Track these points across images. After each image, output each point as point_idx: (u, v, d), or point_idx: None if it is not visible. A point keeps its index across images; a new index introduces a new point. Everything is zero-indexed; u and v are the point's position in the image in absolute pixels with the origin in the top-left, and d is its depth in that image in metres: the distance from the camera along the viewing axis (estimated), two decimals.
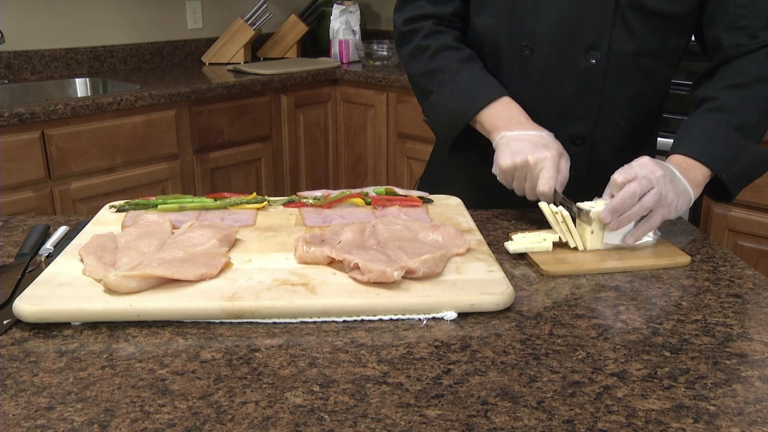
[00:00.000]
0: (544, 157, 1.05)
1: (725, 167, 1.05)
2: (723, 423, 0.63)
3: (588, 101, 1.18)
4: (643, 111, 1.22)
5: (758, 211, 2.12)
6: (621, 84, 1.17)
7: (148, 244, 0.93)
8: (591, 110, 1.18)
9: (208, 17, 3.29)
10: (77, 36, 2.89)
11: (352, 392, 0.67)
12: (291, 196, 1.16)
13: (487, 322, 0.81)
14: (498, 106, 1.14)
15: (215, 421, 0.63)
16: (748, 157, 1.05)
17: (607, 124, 1.20)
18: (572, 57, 1.15)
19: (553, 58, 1.16)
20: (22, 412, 0.64)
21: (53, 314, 0.79)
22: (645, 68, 1.17)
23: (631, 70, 1.16)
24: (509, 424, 0.62)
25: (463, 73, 1.17)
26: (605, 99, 1.18)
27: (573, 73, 1.16)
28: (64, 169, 2.30)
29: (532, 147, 1.07)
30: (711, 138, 1.05)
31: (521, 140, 1.09)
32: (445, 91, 1.18)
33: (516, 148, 1.07)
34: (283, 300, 0.81)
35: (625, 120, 1.21)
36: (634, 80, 1.17)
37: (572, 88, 1.17)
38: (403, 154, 3.00)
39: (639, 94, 1.19)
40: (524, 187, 1.08)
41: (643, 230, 0.99)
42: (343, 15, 3.33)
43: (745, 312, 0.85)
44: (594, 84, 1.16)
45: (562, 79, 1.17)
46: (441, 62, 1.19)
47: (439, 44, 1.20)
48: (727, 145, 1.05)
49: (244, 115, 2.80)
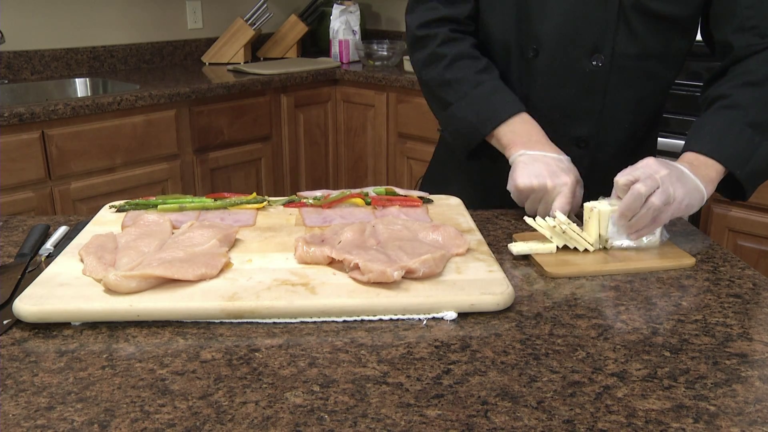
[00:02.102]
0: (563, 183, 1.05)
1: (739, 164, 1.04)
2: (723, 423, 0.63)
3: (591, 103, 1.18)
4: (645, 113, 1.22)
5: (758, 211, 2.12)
6: (624, 86, 1.17)
7: (148, 244, 0.93)
8: (594, 112, 1.18)
9: (208, 17, 3.29)
10: (77, 36, 2.89)
11: (352, 392, 0.67)
12: (291, 196, 1.16)
13: (487, 322, 0.81)
14: (517, 122, 1.14)
15: (215, 421, 0.63)
16: (762, 153, 1.04)
17: (609, 125, 1.20)
18: (576, 59, 1.15)
19: (557, 60, 1.16)
20: (22, 412, 0.64)
21: (53, 314, 0.79)
22: (648, 71, 1.17)
23: (635, 72, 1.16)
24: (509, 424, 0.62)
25: (482, 86, 1.17)
26: (608, 101, 1.18)
27: (577, 75, 1.16)
28: (64, 169, 2.30)
29: (551, 171, 1.07)
30: (724, 135, 1.05)
31: (541, 162, 1.08)
32: (463, 103, 1.18)
33: (535, 170, 1.07)
34: (283, 300, 0.81)
35: (628, 122, 1.21)
36: (637, 83, 1.18)
37: (576, 90, 1.17)
38: (403, 154, 3.00)
39: (642, 97, 1.19)
40: (537, 209, 1.08)
41: (648, 228, 0.98)
42: (343, 15, 3.33)
43: (745, 312, 0.85)
44: (597, 86, 1.16)
45: (566, 80, 1.17)
46: (458, 72, 1.19)
47: (456, 53, 1.19)
48: (741, 142, 1.04)
49: (244, 115, 2.80)
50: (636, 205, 0.95)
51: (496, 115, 1.14)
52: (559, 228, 0.99)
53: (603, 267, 0.96)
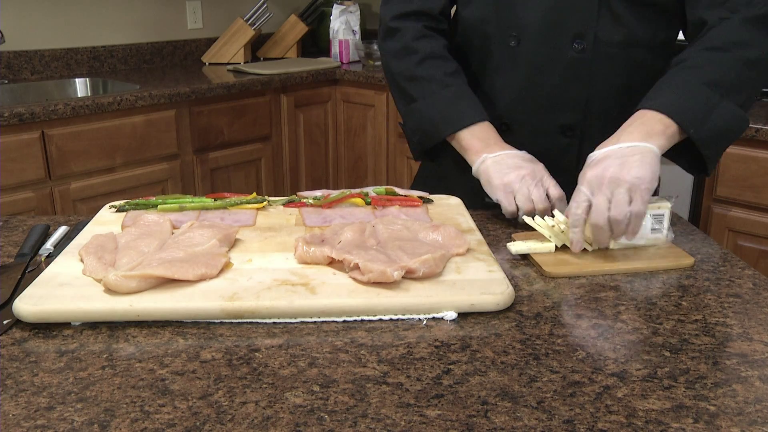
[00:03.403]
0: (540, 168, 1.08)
1: (693, 123, 1.00)
2: (723, 423, 0.63)
3: (576, 91, 1.18)
4: (633, 103, 1.22)
5: (758, 211, 2.12)
6: (609, 74, 1.17)
7: (148, 244, 0.93)
8: (579, 100, 1.19)
9: (208, 17, 3.29)
10: (77, 36, 2.89)
11: (352, 392, 0.67)
12: (291, 196, 1.16)
13: (487, 322, 0.81)
14: (478, 128, 1.16)
15: (215, 421, 0.63)
16: (720, 113, 1.01)
17: (596, 114, 1.20)
18: (558, 46, 1.15)
19: (540, 48, 1.16)
20: (22, 412, 0.64)
21: (53, 314, 0.79)
22: (634, 59, 1.17)
23: (620, 60, 1.16)
24: (509, 424, 0.62)
25: (450, 89, 1.18)
26: (593, 89, 1.18)
27: (560, 63, 1.16)
28: (64, 169, 2.30)
29: (522, 161, 1.10)
30: (676, 91, 1.02)
31: (508, 158, 1.11)
32: (429, 101, 1.19)
33: (509, 163, 1.10)
34: (283, 300, 0.81)
35: (616, 111, 1.20)
36: (623, 71, 1.18)
37: (559, 77, 1.17)
38: (403, 154, 3.00)
39: (628, 86, 1.19)
40: (530, 196, 1.07)
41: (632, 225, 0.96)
42: (343, 15, 3.33)
43: (745, 312, 0.85)
44: (581, 74, 1.16)
45: (549, 68, 1.17)
46: (428, 70, 1.20)
47: (428, 51, 1.21)
48: (697, 100, 1.01)
49: (244, 115, 2.80)
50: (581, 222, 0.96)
51: (459, 119, 1.17)
52: (558, 228, 0.99)
53: (601, 267, 0.96)
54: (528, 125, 1.22)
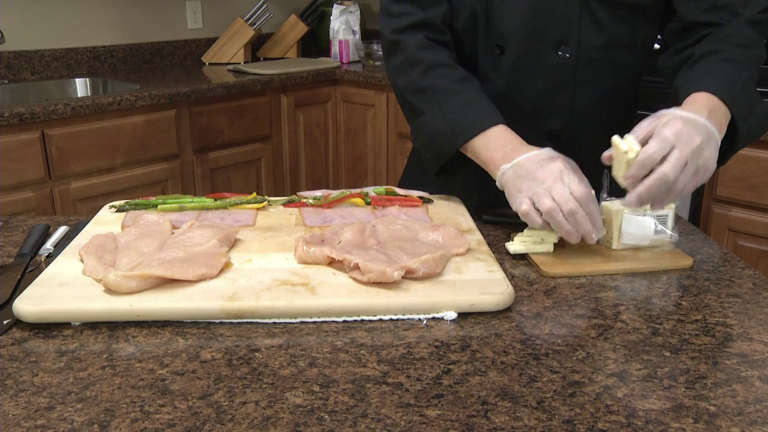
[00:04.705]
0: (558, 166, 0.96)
1: (743, 116, 0.98)
2: (723, 423, 0.63)
3: (560, 97, 1.18)
4: (617, 105, 1.22)
5: (758, 211, 2.12)
6: (593, 78, 1.17)
7: (148, 244, 0.93)
8: (564, 106, 1.18)
9: (208, 17, 3.29)
10: (77, 36, 2.89)
11: (352, 392, 0.67)
12: (291, 196, 1.16)
13: (487, 322, 0.81)
14: (492, 134, 1.06)
15: (215, 421, 0.63)
16: (762, 108, 1.01)
17: (581, 119, 1.20)
18: (542, 53, 1.15)
19: (524, 56, 1.16)
20: (22, 412, 0.64)
21: (53, 314, 0.79)
22: (616, 61, 1.17)
23: (602, 63, 1.16)
24: (509, 424, 0.62)
25: (459, 96, 1.10)
26: (578, 94, 1.18)
27: (543, 69, 1.16)
28: (64, 169, 2.30)
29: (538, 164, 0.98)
30: (733, 81, 1.00)
31: (524, 165, 0.99)
32: (437, 112, 1.10)
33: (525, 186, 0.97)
34: (283, 300, 0.81)
35: (600, 115, 1.20)
36: (606, 74, 1.17)
37: (543, 84, 1.17)
38: (403, 154, 3.00)
39: (611, 88, 1.19)
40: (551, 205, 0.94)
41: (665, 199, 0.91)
42: (343, 15, 3.33)
43: (745, 312, 0.85)
44: (565, 79, 1.16)
45: (533, 75, 1.17)
46: (434, 80, 1.12)
47: (433, 60, 1.13)
48: (747, 93, 1.00)
49: (244, 115, 2.80)
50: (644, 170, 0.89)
51: (470, 127, 1.07)
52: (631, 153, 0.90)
53: (599, 267, 0.96)
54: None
